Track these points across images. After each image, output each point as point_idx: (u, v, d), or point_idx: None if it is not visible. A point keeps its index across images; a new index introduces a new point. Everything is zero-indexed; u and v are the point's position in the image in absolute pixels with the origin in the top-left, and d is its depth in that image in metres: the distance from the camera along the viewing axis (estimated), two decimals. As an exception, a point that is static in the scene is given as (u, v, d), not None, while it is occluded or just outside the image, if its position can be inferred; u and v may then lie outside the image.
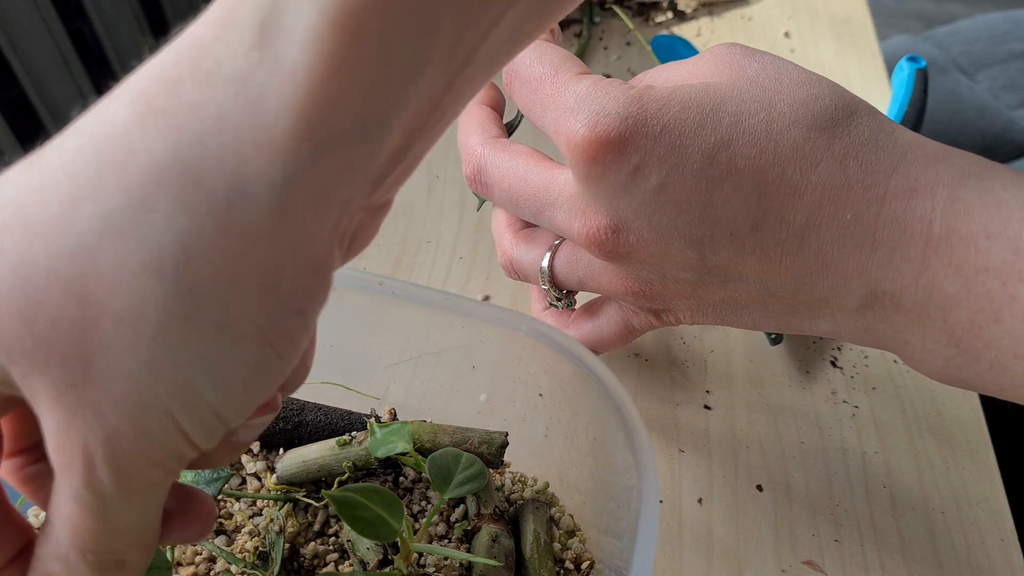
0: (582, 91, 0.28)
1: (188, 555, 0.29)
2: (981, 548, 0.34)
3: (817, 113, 0.27)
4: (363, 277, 0.29)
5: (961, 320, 0.24)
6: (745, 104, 0.27)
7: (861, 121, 0.27)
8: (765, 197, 0.26)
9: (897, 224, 0.25)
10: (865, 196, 0.25)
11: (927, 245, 0.24)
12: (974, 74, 0.85)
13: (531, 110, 0.30)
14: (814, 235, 0.26)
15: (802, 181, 0.26)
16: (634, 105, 0.27)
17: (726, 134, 0.27)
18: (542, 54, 0.30)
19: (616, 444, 0.27)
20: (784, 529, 0.34)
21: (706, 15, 0.62)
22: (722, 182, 0.27)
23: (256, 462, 0.31)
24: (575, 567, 0.29)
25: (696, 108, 0.27)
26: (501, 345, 0.30)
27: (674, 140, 0.27)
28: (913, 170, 0.26)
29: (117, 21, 0.96)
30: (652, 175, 0.27)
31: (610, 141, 0.27)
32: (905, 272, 0.25)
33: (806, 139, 0.26)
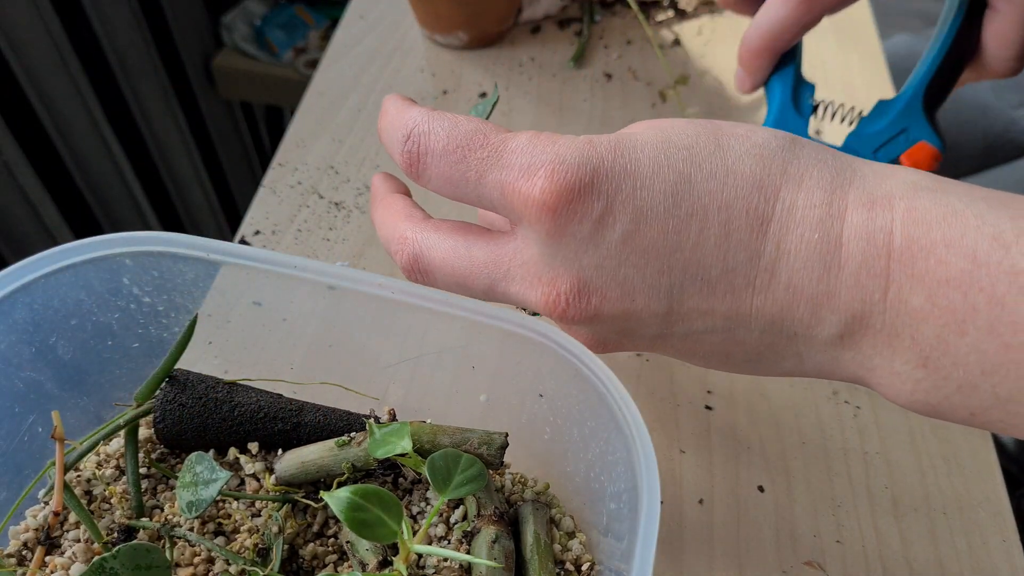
0: (524, 145, 0.27)
1: (187, 556, 0.29)
2: (983, 549, 0.34)
3: (761, 142, 0.27)
4: (363, 277, 0.29)
5: (928, 336, 0.24)
6: (692, 138, 0.27)
7: (804, 146, 0.27)
8: (734, 233, 0.26)
9: (860, 237, 0.25)
10: (829, 212, 0.25)
11: (891, 257, 0.24)
12: (976, 73, 0.85)
13: (461, 183, 0.28)
14: (784, 265, 0.26)
15: (768, 209, 0.26)
16: (589, 149, 0.26)
17: (684, 170, 0.26)
18: (453, 123, 0.28)
19: (617, 445, 0.27)
20: (785, 530, 0.34)
21: (707, 13, 0.62)
22: (689, 222, 0.26)
23: (255, 463, 0.31)
24: (575, 568, 0.29)
25: (650, 148, 0.27)
26: (501, 345, 0.29)
27: (635, 182, 0.26)
28: (868, 184, 0.26)
29: (117, 21, 0.96)
30: (618, 222, 0.26)
31: (572, 189, 0.25)
32: (872, 289, 0.25)
33: (761, 167, 0.26)
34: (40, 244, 0.94)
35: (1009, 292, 0.22)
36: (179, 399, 0.30)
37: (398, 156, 0.29)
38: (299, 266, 0.29)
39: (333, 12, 1.24)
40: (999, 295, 0.22)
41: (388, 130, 0.29)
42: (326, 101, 0.55)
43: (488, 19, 0.57)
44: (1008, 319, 0.22)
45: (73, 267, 0.29)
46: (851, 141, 0.42)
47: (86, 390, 0.32)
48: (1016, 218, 0.23)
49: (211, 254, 0.29)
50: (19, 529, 0.29)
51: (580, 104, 0.55)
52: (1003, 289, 0.22)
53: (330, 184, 0.49)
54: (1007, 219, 0.23)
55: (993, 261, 0.23)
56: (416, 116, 0.28)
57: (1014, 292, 0.22)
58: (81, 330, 0.31)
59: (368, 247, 0.46)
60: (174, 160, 1.14)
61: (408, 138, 0.28)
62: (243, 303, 0.32)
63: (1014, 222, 0.23)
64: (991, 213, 0.24)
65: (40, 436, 0.31)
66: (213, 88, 1.18)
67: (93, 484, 0.31)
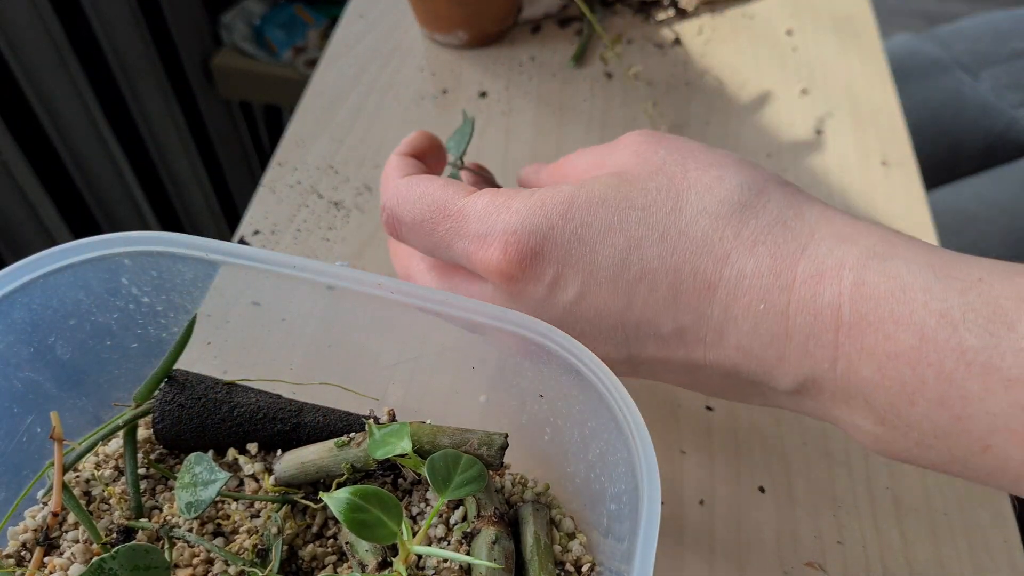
0: (480, 214, 0.28)
1: (186, 556, 0.29)
2: (984, 550, 0.34)
3: (723, 197, 0.27)
4: (362, 277, 0.29)
5: (881, 402, 0.24)
6: (651, 195, 0.28)
7: (770, 199, 0.27)
8: (682, 295, 0.27)
9: (808, 311, 0.25)
10: (776, 283, 0.26)
11: (839, 331, 0.25)
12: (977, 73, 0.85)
13: (436, 250, 0.30)
14: (732, 328, 0.26)
15: (715, 275, 0.26)
16: (538, 216, 0.27)
17: (635, 233, 0.27)
18: (420, 193, 0.30)
19: (617, 445, 0.27)
20: (786, 531, 0.34)
21: (708, 13, 0.62)
22: (637, 284, 0.27)
23: (254, 463, 0.31)
24: (576, 569, 0.29)
25: (601, 207, 0.27)
26: (501, 345, 0.29)
27: (584, 247, 0.27)
28: (820, 252, 0.26)
29: (116, 20, 0.96)
30: (568, 287, 0.28)
31: (523, 258, 0.27)
32: (821, 358, 0.25)
33: (714, 228, 0.27)
34: (39, 244, 0.94)
35: (957, 369, 0.22)
36: (178, 399, 0.30)
37: (384, 225, 0.32)
38: (298, 266, 0.29)
39: (332, 11, 1.24)
40: (947, 371, 0.23)
41: (382, 198, 0.32)
42: (325, 100, 0.55)
43: (488, 18, 0.57)
44: (957, 394, 0.23)
45: (72, 267, 0.29)
46: None
47: (85, 390, 0.32)
48: (964, 292, 0.23)
49: (210, 254, 0.29)
50: (18, 530, 0.29)
51: (580, 104, 0.55)
52: (951, 366, 0.23)
53: (329, 184, 0.49)
54: (955, 293, 0.23)
55: (941, 338, 0.23)
56: (391, 192, 0.31)
57: (961, 369, 0.22)
58: (80, 330, 0.31)
59: (368, 247, 0.46)
60: (173, 159, 1.14)
61: (384, 210, 0.31)
62: (242, 303, 0.32)
63: (962, 296, 0.23)
64: (938, 286, 0.23)
65: (39, 436, 0.30)
66: (212, 87, 1.18)
67: (92, 485, 0.31)
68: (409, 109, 0.54)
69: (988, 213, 0.72)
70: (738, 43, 0.60)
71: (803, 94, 0.55)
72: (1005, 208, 0.72)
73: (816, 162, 0.51)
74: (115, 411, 0.31)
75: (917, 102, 0.81)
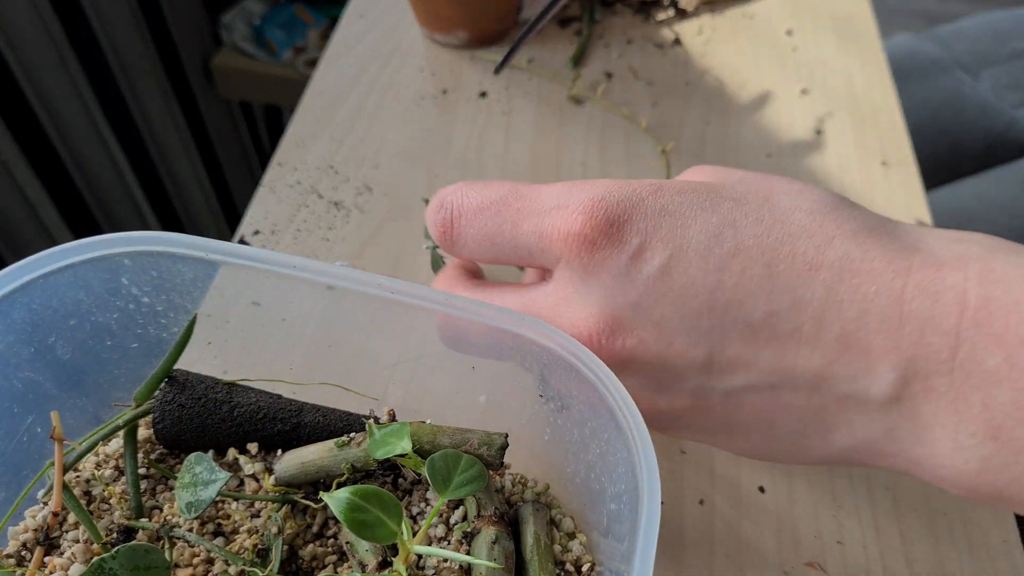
0: (559, 191, 0.27)
1: (186, 556, 0.29)
2: (984, 550, 0.34)
3: (816, 199, 0.26)
4: (362, 277, 0.29)
5: (1003, 401, 0.22)
6: (741, 193, 0.26)
7: (859, 210, 0.26)
8: (779, 276, 0.24)
9: (927, 294, 0.23)
10: (889, 268, 0.23)
11: (963, 315, 0.22)
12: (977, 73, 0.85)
13: (497, 236, 0.28)
14: (835, 314, 0.24)
15: (817, 256, 0.24)
16: (627, 188, 0.26)
17: (729, 216, 0.25)
18: (485, 185, 0.29)
19: (617, 445, 0.27)
20: (786, 531, 0.34)
21: (708, 13, 0.62)
22: (730, 260, 0.25)
23: (254, 463, 0.31)
24: (576, 569, 0.29)
25: (693, 193, 0.26)
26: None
27: (675, 221, 0.25)
28: (937, 247, 0.24)
29: (116, 20, 0.96)
30: (655, 256, 0.25)
31: (610, 222, 0.25)
32: (939, 347, 0.22)
33: (812, 220, 0.25)
34: (39, 244, 0.94)
35: None
36: (178, 399, 0.30)
37: (434, 229, 0.30)
38: (298, 266, 0.29)
39: (332, 11, 1.24)
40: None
41: (427, 215, 0.30)
42: (325, 100, 0.55)
43: (488, 19, 0.57)
44: None
45: (72, 267, 0.29)
46: None
47: (85, 390, 0.32)
48: None
49: (210, 254, 0.29)
50: (18, 529, 0.29)
51: (578, 107, 0.55)
52: None
53: (329, 184, 0.49)
54: None
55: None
56: (448, 189, 0.29)
57: None
58: (80, 330, 0.31)
59: (367, 247, 0.46)
60: (173, 159, 1.14)
61: (440, 207, 0.29)
62: (242, 303, 0.32)
63: None
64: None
65: (39, 436, 0.30)
66: (212, 87, 1.18)
67: (92, 484, 0.31)
68: (409, 109, 0.54)
69: (988, 213, 0.72)
70: (738, 43, 0.60)
71: (803, 94, 0.55)
72: (1005, 208, 0.72)
73: (816, 162, 0.51)
74: (115, 411, 0.31)
75: (917, 102, 0.82)
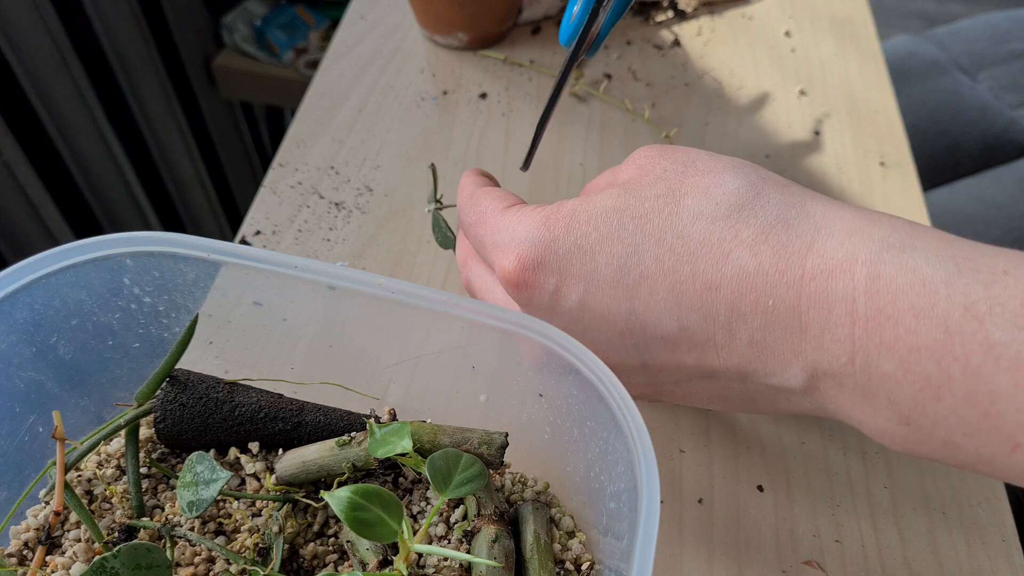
0: (504, 225, 0.30)
1: (187, 555, 0.29)
2: (982, 549, 0.34)
3: (720, 200, 0.27)
4: (363, 277, 0.29)
5: (904, 399, 0.23)
6: (649, 203, 0.28)
7: (768, 199, 0.27)
8: (684, 296, 0.27)
9: (820, 305, 0.24)
10: (782, 280, 0.25)
11: (855, 325, 0.24)
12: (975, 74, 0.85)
13: (478, 248, 0.33)
14: (742, 324, 0.26)
15: (716, 274, 0.26)
16: (542, 229, 0.29)
17: (632, 240, 0.28)
18: (475, 201, 0.33)
19: (616, 444, 0.27)
20: (785, 529, 0.34)
21: (707, 14, 0.62)
22: (638, 288, 0.27)
23: (255, 463, 0.31)
24: (575, 568, 0.29)
25: (601, 218, 0.28)
26: (501, 345, 0.30)
27: (584, 256, 0.28)
28: (828, 247, 0.25)
29: (117, 21, 0.96)
30: (571, 293, 0.28)
31: (527, 268, 0.29)
32: (839, 352, 0.24)
33: (711, 231, 0.27)
34: (41, 244, 0.94)
35: (984, 363, 0.22)
36: (180, 399, 0.30)
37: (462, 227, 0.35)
38: (299, 266, 0.29)
39: (333, 13, 1.24)
40: (974, 366, 0.22)
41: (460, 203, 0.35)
42: (327, 101, 0.55)
43: (488, 19, 0.57)
44: (985, 389, 0.22)
45: (74, 267, 0.29)
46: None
47: (87, 390, 0.32)
48: (989, 285, 0.22)
49: (212, 254, 0.29)
50: (20, 529, 0.29)
51: (579, 105, 0.55)
52: (978, 360, 0.22)
53: (330, 184, 0.49)
54: (980, 287, 0.22)
55: (967, 332, 0.22)
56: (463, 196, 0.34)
57: (989, 363, 0.22)
58: (82, 330, 0.31)
59: (368, 247, 0.46)
60: (175, 160, 1.14)
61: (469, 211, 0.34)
62: (244, 303, 0.32)
63: (987, 290, 0.22)
64: (961, 279, 0.23)
65: (41, 436, 0.31)
66: (214, 88, 1.18)
67: (94, 484, 0.31)
68: (410, 110, 0.54)
69: (986, 214, 0.72)
70: (737, 44, 0.60)
71: (801, 95, 0.55)
72: (1003, 208, 0.72)
73: (814, 163, 0.51)
74: (117, 410, 0.31)
75: (916, 103, 0.82)
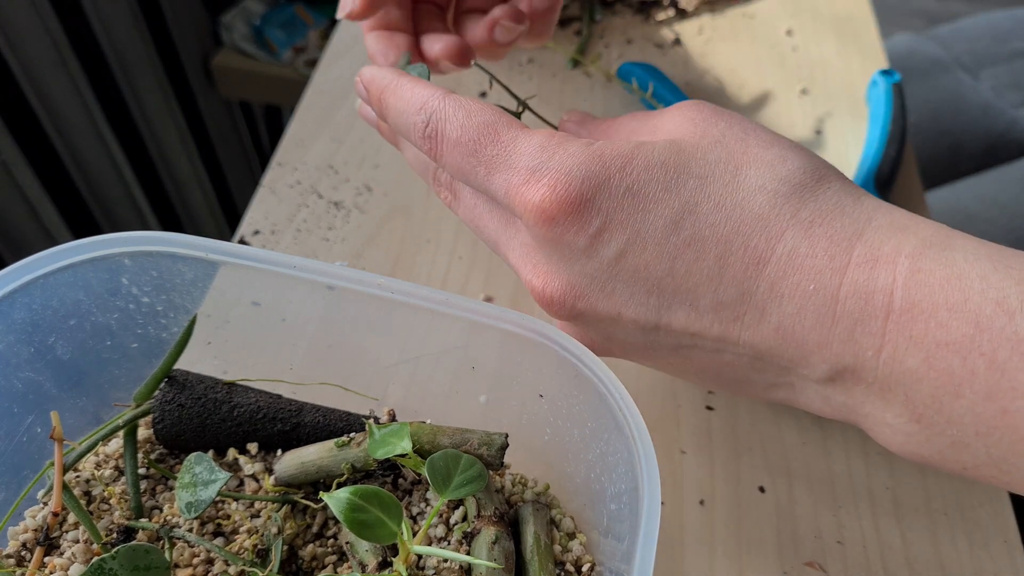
0: (534, 148, 0.27)
1: (186, 556, 0.29)
2: (984, 550, 0.34)
3: (784, 176, 0.26)
4: (362, 277, 0.29)
5: (922, 395, 0.24)
6: (710, 166, 0.27)
7: (829, 186, 0.27)
8: (728, 268, 0.26)
9: (859, 295, 0.24)
10: (829, 265, 0.25)
11: (888, 318, 0.24)
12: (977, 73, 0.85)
13: (471, 175, 0.28)
14: (775, 307, 0.25)
15: (767, 250, 0.25)
16: (596, 163, 0.26)
17: (691, 198, 0.26)
18: (470, 111, 0.28)
19: (617, 445, 0.27)
20: (786, 531, 0.34)
21: (708, 12, 0.62)
22: (684, 250, 0.26)
23: (254, 463, 0.31)
24: (576, 569, 0.29)
25: (660, 169, 0.26)
26: (501, 345, 0.29)
27: (637, 203, 0.26)
28: (877, 238, 0.25)
29: (116, 20, 0.96)
30: (613, 240, 0.26)
31: (571, 202, 0.26)
32: (866, 346, 0.24)
33: (772, 206, 0.26)
34: (39, 244, 0.94)
35: (1011, 359, 0.22)
36: (178, 399, 0.30)
37: (418, 138, 0.29)
38: (298, 266, 0.29)
39: (333, 11, 1.23)
40: (1000, 361, 0.22)
41: (404, 110, 0.30)
42: (325, 100, 0.55)
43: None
44: (1007, 385, 0.22)
45: (72, 267, 0.29)
46: None
47: (85, 390, 0.32)
48: (1021, 281, 0.23)
49: (210, 254, 0.29)
50: (18, 530, 0.29)
51: (580, 104, 0.55)
52: (1004, 355, 0.22)
53: (329, 184, 0.49)
54: (1012, 283, 0.23)
55: (996, 327, 0.22)
56: (436, 98, 0.29)
57: (1016, 359, 0.22)
58: (80, 330, 0.31)
59: (368, 247, 0.46)
60: (173, 159, 1.14)
61: (428, 122, 0.28)
62: (242, 303, 0.32)
63: (1020, 287, 0.22)
64: (996, 275, 0.23)
65: (39, 436, 0.30)
66: (212, 87, 1.18)
67: (92, 485, 0.31)
68: (409, 109, 0.54)
69: (988, 213, 0.72)
70: (738, 43, 0.60)
71: (803, 94, 0.55)
72: (1006, 208, 0.72)
73: (816, 162, 0.51)
74: (115, 411, 0.31)
75: (917, 102, 0.82)
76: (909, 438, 0.25)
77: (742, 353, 0.27)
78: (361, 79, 0.33)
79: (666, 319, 0.27)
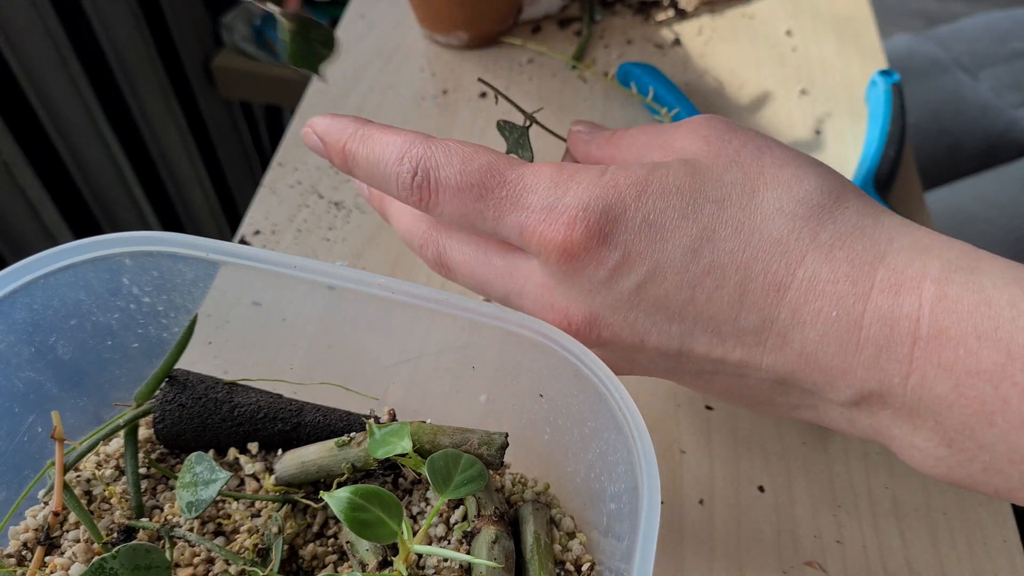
0: (545, 185, 0.26)
1: (187, 556, 0.29)
2: (984, 550, 0.34)
3: (802, 197, 0.26)
4: (362, 277, 0.29)
5: (953, 421, 0.23)
6: (726, 188, 0.26)
7: (848, 206, 0.26)
8: (749, 294, 0.25)
9: (884, 322, 0.24)
10: (852, 291, 0.24)
11: (915, 344, 0.23)
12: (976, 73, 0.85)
13: (478, 221, 0.27)
14: (798, 333, 0.25)
15: (787, 276, 0.25)
16: (612, 194, 0.26)
17: (708, 224, 0.26)
18: (465, 156, 0.27)
19: (617, 445, 0.27)
20: (786, 530, 0.34)
21: (707, 13, 0.62)
22: (704, 278, 0.26)
23: (254, 463, 0.31)
24: (576, 569, 0.29)
25: (676, 195, 0.26)
26: (501, 345, 0.29)
27: (655, 234, 0.26)
28: (900, 261, 0.25)
29: (116, 20, 0.96)
30: (633, 272, 0.26)
31: (592, 238, 0.25)
32: (892, 373, 0.24)
33: (791, 229, 0.25)
34: (39, 244, 0.94)
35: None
36: (179, 399, 0.30)
37: (404, 188, 0.27)
38: (299, 266, 0.29)
39: (333, 12, 1.24)
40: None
41: (380, 159, 0.28)
42: (326, 101, 0.55)
43: (488, 18, 0.57)
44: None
45: (73, 267, 0.29)
46: None
47: (86, 390, 0.32)
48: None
49: (211, 254, 0.29)
50: (19, 529, 0.29)
51: (580, 104, 0.55)
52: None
53: (330, 184, 0.49)
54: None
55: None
56: (419, 145, 0.27)
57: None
58: (81, 330, 0.31)
59: (368, 247, 0.46)
60: (174, 160, 1.14)
61: (416, 171, 0.27)
62: (243, 303, 0.32)
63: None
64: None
65: (40, 436, 0.31)
66: (213, 88, 1.18)
67: (93, 484, 0.31)
68: (409, 109, 0.54)
69: (988, 213, 0.72)
70: (738, 43, 0.60)
71: (803, 94, 0.55)
72: (1005, 208, 0.72)
73: (816, 162, 0.51)
74: (116, 411, 0.31)
75: (917, 102, 0.82)
76: (940, 462, 0.24)
77: (764, 377, 0.27)
78: (313, 130, 0.30)
79: (688, 346, 0.27)
